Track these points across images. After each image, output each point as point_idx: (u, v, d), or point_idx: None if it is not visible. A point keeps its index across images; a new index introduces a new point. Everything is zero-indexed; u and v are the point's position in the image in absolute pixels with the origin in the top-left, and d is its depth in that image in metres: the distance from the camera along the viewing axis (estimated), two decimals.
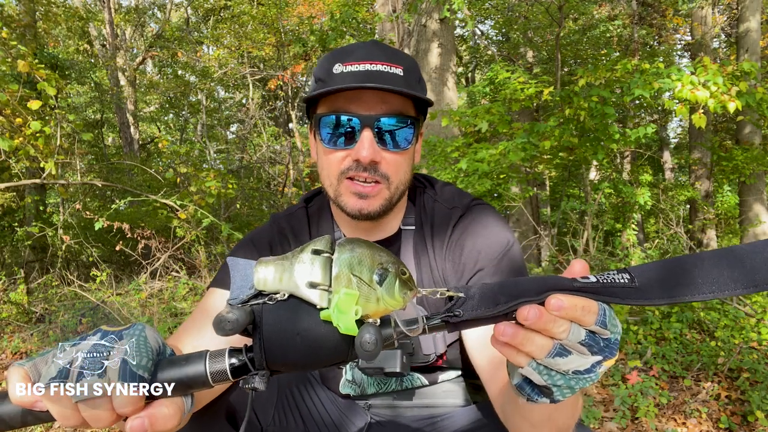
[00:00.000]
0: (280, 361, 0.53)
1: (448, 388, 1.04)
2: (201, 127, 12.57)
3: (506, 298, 0.50)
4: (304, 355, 0.52)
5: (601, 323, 0.49)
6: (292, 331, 0.52)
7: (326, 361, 0.53)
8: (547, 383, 0.51)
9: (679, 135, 15.43)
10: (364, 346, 0.50)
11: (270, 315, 0.53)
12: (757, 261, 0.48)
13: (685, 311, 3.51)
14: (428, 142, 4.67)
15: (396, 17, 5.39)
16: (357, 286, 0.53)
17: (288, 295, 0.54)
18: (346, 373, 1.06)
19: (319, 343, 0.52)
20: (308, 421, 1.03)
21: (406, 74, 0.90)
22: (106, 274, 4.84)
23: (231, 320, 0.51)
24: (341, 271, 0.54)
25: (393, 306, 0.54)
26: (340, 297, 0.52)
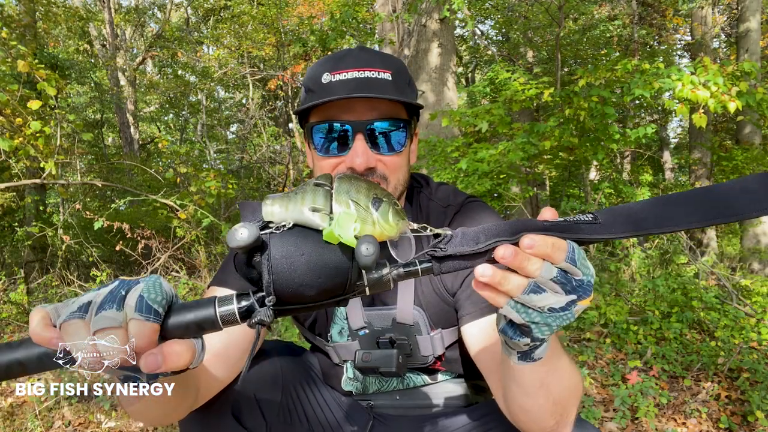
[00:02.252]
0: (287, 284, 0.55)
1: (449, 388, 1.04)
2: (201, 127, 12.58)
3: (485, 237, 0.55)
4: (309, 274, 0.55)
5: (570, 260, 0.53)
6: (297, 252, 0.56)
7: (330, 282, 0.56)
8: (525, 321, 0.56)
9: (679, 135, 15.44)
10: (363, 252, 0.53)
11: (277, 240, 0.57)
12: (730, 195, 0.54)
13: (686, 311, 3.51)
14: (428, 142, 4.67)
15: (396, 17, 5.39)
16: (355, 209, 0.58)
17: (293, 223, 0.58)
18: (348, 371, 1.06)
19: (323, 260, 0.56)
20: (312, 420, 1.03)
21: (395, 78, 0.91)
22: (106, 274, 4.84)
23: (243, 232, 0.54)
24: (340, 196, 0.58)
25: (387, 231, 0.58)
26: (339, 214, 0.57)
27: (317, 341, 1.09)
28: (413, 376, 1.03)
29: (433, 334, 0.98)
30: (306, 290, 0.56)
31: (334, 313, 1.03)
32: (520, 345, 0.59)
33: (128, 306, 0.51)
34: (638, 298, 3.96)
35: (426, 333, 0.98)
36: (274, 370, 1.01)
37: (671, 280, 3.95)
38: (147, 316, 0.51)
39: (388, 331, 0.98)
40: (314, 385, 1.09)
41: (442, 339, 0.99)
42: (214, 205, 6.24)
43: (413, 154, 1.02)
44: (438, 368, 1.03)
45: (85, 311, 0.51)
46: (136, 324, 0.50)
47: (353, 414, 1.06)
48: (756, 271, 6.56)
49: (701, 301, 3.57)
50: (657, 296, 3.78)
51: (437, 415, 1.03)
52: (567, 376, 0.72)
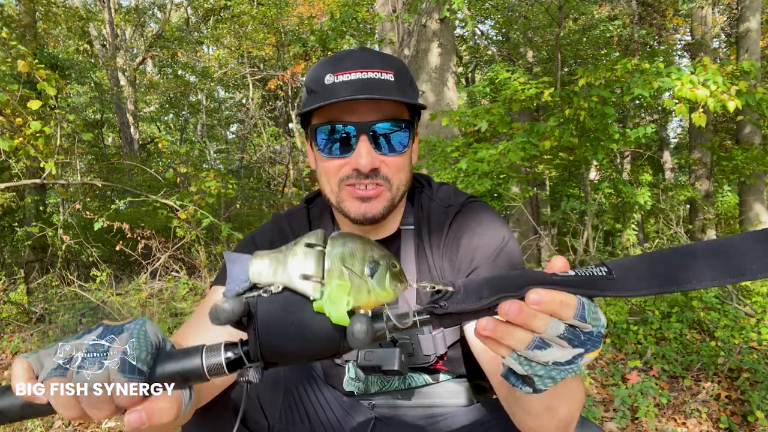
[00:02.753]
0: (274, 351, 0.54)
1: (451, 388, 1.05)
2: (201, 127, 12.58)
3: (489, 292, 0.52)
4: (298, 345, 0.54)
5: (579, 317, 0.50)
6: (286, 321, 0.54)
7: (319, 352, 0.55)
8: (528, 373, 0.53)
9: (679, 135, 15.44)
10: (355, 334, 0.51)
11: (264, 306, 0.54)
12: (738, 253, 0.50)
13: (686, 311, 3.51)
14: (428, 142, 4.67)
15: (396, 17, 5.39)
16: (349, 277, 0.54)
17: (282, 287, 0.55)
18: (349, 371, 1.06)
19: (313, 333, 0.54)
20: (314, 420, 1.04)
21: (397, 78, 0.91)
22: (106, 274, 4.84)
23: (226, 310, 0.53)
24: (333, 263, 0.55)
25: (384, 298, 0.56)
26: (332, 288, 0.54)
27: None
28: (415, 376, 1.03)
29: (435, 333, 0.99)
30: (294, 358, 0.55)
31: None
32: (523, 391, 0.58)
33: (111, 366, 0.50)
34: (638, 298, 3.96)
35: (428, 332, 0.98)
36: (275, 370, 1.02)
37: None
38: (130, 377, 0.50)
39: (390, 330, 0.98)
40: (316, 385, 1.09)
41: (444, 338, 0.99)
42: (214, 205, 6.25)
43: (414, 154, 1.02)
44: (440, 368, 1.03)
45: (65, 371, 0.50)
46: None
47: (355, 414, 1.06)
48: None
49: (701, 301, 3.57)
50: (657, 296, 3.78)
51: (439, 414, 1.03)
52: (571, 394, 0.70)
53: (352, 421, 1.05)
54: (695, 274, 0.50)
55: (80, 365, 0.50)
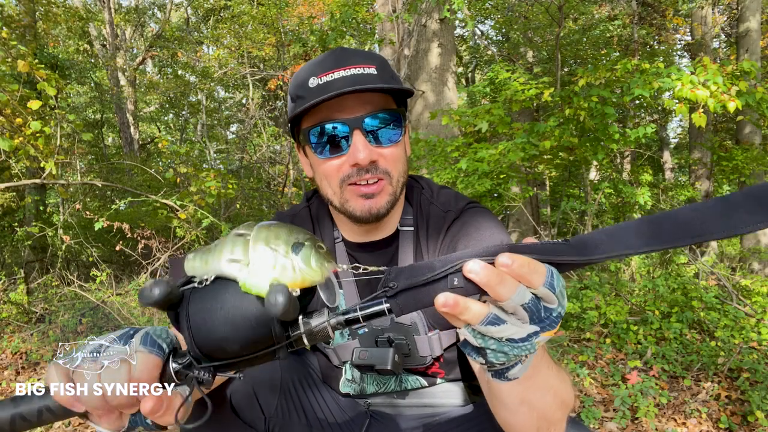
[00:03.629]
0: (206, 337, 0.54)
1: (447, 388, 1.05)
2: (201, 127, 12.58)
3: (441, 264, 0.52)
4: (228, 328, 0.54)
5: (549, 285, 0.50)
6: (216, 306, 0.55)
7: (252, 336, 0.54)
8: (480, 345, 0.54)
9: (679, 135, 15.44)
10: (271, 301, 0.51)
11: (196, 295, 0.56)
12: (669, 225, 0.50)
13: (686, 311, 3.51)
14: (428, 142, 4.67)
15: (396, 17, 5.38)
16: (273, 256, 0.55)
17: (214, 277, 0.57)
18: (346, 372, 1.06)
19: (242, 312, 0.54)
20: (311, 417, 1.04)
21: (380, 71, 0.92)
22: (106, 274, 4.84)
23: (150, 291, 0.54)
24: (257, 244, 0.56)
25: (311, 276, 0.56)
26: (254, 263, 0.55)
27: (318, 343, 1.09)
28: (410, 379, 1.03)
29: (431, 335, 0.98)
30: (228, 344, 0.54)
31: None
32: (478, 363, 0.58)
33: (135, 340, 0.55)
34: (638, 298, 3.96)
35: (424, 333, 0.98)
36: (273, 367, 1.02)
37: (671, 280, 3.95)
38: (150, 349, 0.55)
39: (387, 331, 0.99)
40: (313, 384, 1.09)
41: (439, 340, 0.99)
42: (214, 205, 6.24)
43: (408, 146, 1.02)
44: (436, 371, 1.03)
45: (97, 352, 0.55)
46: (140, 356, 0.54)
47: (351, 413, 1.06)
48: (756, 271, 6.56)
49: (701, 301, 3.57)
50: (657, 296, 3.78)
51: (434, 414, 1.03)
52: (553, 392, 0.69)
53: (348, 419, 1.05)
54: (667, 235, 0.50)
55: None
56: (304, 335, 0.57)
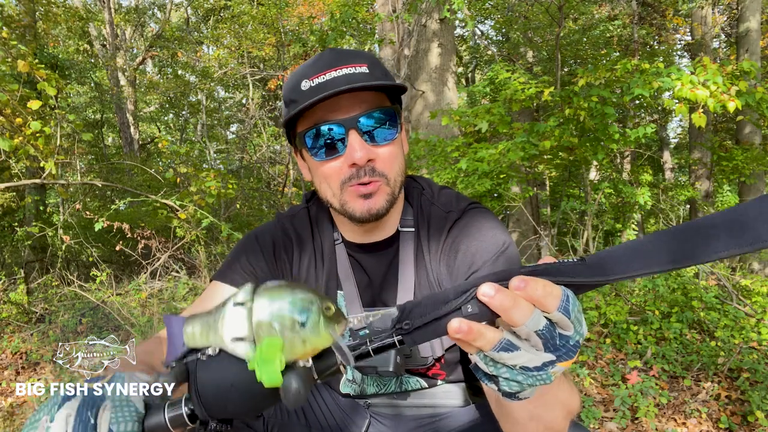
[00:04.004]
0: (220, 410, 0.54)
1: (448, 389, 1.04)
2: (201, 127, 12.58)
3: (456, 294, 0.50)
4: (240, 404, 0.53)
5: (563, 309, 0.48)
6: (225, 383, 0.53)
7: (264, 405, 0.54)
8: (492, 373, 0.52)
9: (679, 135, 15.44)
10: (288, 396, 0.50)
11: (202, 370, 0.54)
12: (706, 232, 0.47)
13: (686, 311, 3.51)
14: (428, 142, 4.67)
15: (396, 17, 5.38)
16: (280, 332, 0.52)
17: (219, 349, 0.55)
18: (347, 373, 1.06)
19: (254, 391, 0.53)
20: (310, 417, 1.04)
21: (372, 70, 0.91)
22: (106, 274, 4.84)
23: (169, 379, 0.54)
24: (261, 320, 0.53)
25: (321, 344, 0.54)
26: (261, 347, 0.52)
27: None
28: (411, 380, 1.03)
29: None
30: (241, 415, 0.55)
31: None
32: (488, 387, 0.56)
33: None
34: (638, 298, 3.96)
35: None
36: None
37: (671, 280, 3.95)
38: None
39: None
40: None
41: (441, 341, 0.99)
42: (214, 205, 6.24)
43: (405, 144, 1.02)
44: (437, 372, 1.03)
45: None
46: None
47: (351, 413, 1.06)
48: (756, 271, 6.55)
49: (701, 301, 3.57)
50: (657, 296, 3.78)
51: (435, 415, 1.03)
52: (561, 405, 0.68)
53: (348, 420, 1.05)
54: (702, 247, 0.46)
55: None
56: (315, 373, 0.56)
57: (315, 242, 1.05)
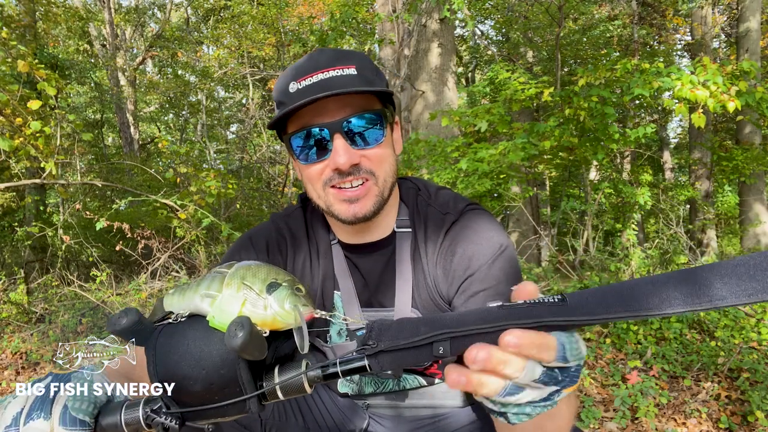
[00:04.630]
0: (170, 373, 0.53)
1: (447, 389, 1.04)
2: (201, 127, 12.58)
3: (427, 329, 0.49)
4: (191, 365, 0.52)
5: (561, 358, 0.47)
6: (182, 342, 0.53)
7: (216, 376, 0.52)
8: (500, 410, 0.51)
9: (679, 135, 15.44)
10: (230, 333, 0.49)
11: (167, 330, 0.55)
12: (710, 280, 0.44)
13: None
14: (428, 142, 4.68)
15: (396, 17, 5.39)
16: (245, 293, 0.53)
17: (188, 313, 0.55)
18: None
19: (207, 349, 0.52)
20: (308, 418, 1.03)
21: (360, 71, 0.91)
22: (106, 274, 4.84)
23: (121, 319, 0.53)
24: (232, 280, 0.54)
25: (282, 318, 0.53)
26: (223, 296, 0.53)
27: (315, 342, 1.08)
28: (409, 379, 1.03)
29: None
30: (190, 384, 0.52)
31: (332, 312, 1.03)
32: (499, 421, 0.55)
33: (54, 417, 0.52)
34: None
35: None
36: None
37: None
38: (72, 429, 0.52)
39: None
40: None
41: None
42: (214, 205, 6.24)
43: (397, 144, 1.01)
44: (435, 372, 1.03)
45: (18, 423, 0.52)
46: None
47: (349, 414, 1.06)
48: None
49: None
50: None
51: (433, 415, 1.03)
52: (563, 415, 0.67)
53: (346, 420, 1.05)
54: (662, 300, 0.44)
55: (29, 417, 0.52)
56: (278, 387, 0.53)
57: (310, 242, 1.05)
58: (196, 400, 0.53)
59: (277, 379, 0.54)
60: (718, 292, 0.43)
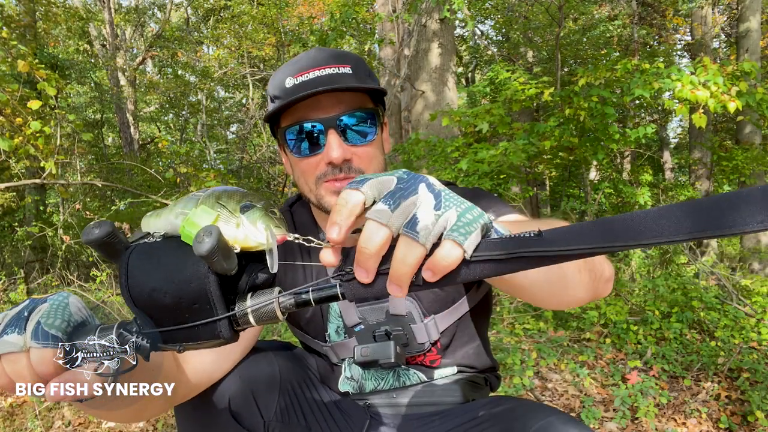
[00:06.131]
0: (140, 287, 0.52)
1: (447, 386, 1.05)
2: (201, 127, 12.58)
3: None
4: (161, 277, 0.52)
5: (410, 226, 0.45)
6: (153, 257, 0.53)
7: (186, 288, 0.51)
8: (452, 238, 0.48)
9: (679, 135, 15.44)
10: (197, 239, 0.48)
11: (141, 246, 0.55)
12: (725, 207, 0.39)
13: (686, 311, 3.51)
14: (428, 142, 4.68)
15: (396, 17, 5.39)
16: (219, 210, 0.53)
17: (164, 234, 0.56)
18: (345, 371, 1.07)
19: (178, 262, 0.52)
20: (309, 419, 1.04)
21: (355, 71, 0.94)
22: (106, 274, 4.84)
23: (95, 230, 0.53)
24: (207, 200, 0.55)
25: (254, 236, 0.53)
26: (195, 211, 0.53)
27: (314, 344, 1.09)
28: (409, 374, 1.04)
29: (427, 321, 1.00)
30: (160, 296, 0.52)
31: (329, 311, 1.04)
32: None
33: (28, 331, 0.53)
34: (638, 298, 3.96)
35: (420, 321, 1.00)
36: (271, 369, 1.02)
37: (671, 280, 3.95)
38: (44, 343, 0.52)
39: (383, 324, 1.00)
40: (312, 384, 1.09)
41: (435, 325, 1.01)
42: None
43: (387, 143, 1.04)
44: (434, 358, 1.04)
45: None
46: (33, 351, 0.52)
47: (351, 414, 1.06)
48: (756, 271, 6.56)
49: (701, 301, 3.57)
50: (657, 296, 3.78)
51: (434, 413, 1.03)
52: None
53: (348, 420, 1.05)
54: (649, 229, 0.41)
55: (3, 332, 0.53)
56: (250, 312, 0.53)
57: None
58: (168, 317, 0.53)
59: (249, 302, 0.53)
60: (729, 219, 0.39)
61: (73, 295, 0.57)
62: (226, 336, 0.53)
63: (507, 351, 3.06)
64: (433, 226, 0.45)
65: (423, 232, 0.45)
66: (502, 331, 3.49)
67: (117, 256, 0.55)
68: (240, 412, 0.95)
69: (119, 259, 0.54)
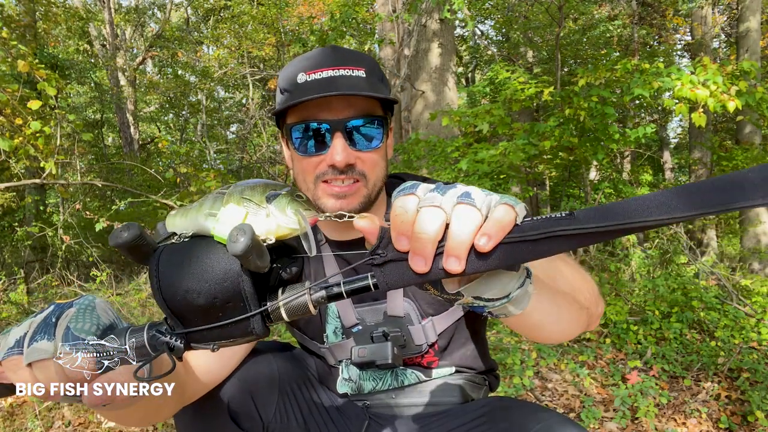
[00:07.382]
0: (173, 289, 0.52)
1: (445, 386, 1.05)
2: (201, 127, 12.58)
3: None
4: (194, 278, 0.52)
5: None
6: (184, 257, 0.53)
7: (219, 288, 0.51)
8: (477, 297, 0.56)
9: (679, 135, 15.44)
10: (231, 238, 0.48)
11: (170, 248, 0.55)
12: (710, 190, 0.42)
13: (686, 311, 3.51)
14: (428, 142, 4.68)
15: (396, 17, 5.39)
16: (246, 205, 0.53)
17: (191, 234, 0.56)
18: (343, 372, 1.07)
19: (210, 263, 0.52)
20: (309, 420, 1.04)
21: (369, 75, 0.92)
22: (106, 274, 4.84)
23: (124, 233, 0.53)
24: (231, 197, 0.54)
25: (286, 223, 0.53)
26: (224, 210, 0.53)
27: (312, 345, 1.09)
28: (407, 374, 1.04)
29: (425, 323, 1.00)
30: (194, 297, 0.52)
31: (327, 312, 1.04)
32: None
33: (58, 337, 0.52)
34: (638, 298, 3.96)
35: (417, 323, 0.99)
36: (270, 370, 1.02)
37: (671, 280, 3.95)
38: (75, 348, 0.52)
39: (381, 325, 0.99)
40: (311, 385, 1.09)
41: (433, 327, 1.00)
42: None
43: (390, 149, 1.03)
44: (432, 360, 1.04)
45: (22, 345, 0.52)
46: (65, 357, 0.51)
47: (349, 415, 1.06)
48: (756, 271, 6.55)
49: (701, 301, 3.57)
50: (657, 296, 3.78)
51: (433, 413, 1.03)
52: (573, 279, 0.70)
53: (346, 421, 1.05)
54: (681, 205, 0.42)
55: (32, 339, 0.52)
56: (282, 306, 0.53)
57: None
58: (201, 317, 0.53)
59: (280, 296, 0.54)
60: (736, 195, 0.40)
61: (98, 298, 0.57)
62: (259, 332, 0.53)
63: (507, 351, 3.06)
64: (486, 197, 0.49)
65: (479, 200, 0.48)
66: (502, 331, 3.50)
67: (145, 258, 0.55)
68: (239, 413, 0.94)
69: (149, 261, 0.54)
